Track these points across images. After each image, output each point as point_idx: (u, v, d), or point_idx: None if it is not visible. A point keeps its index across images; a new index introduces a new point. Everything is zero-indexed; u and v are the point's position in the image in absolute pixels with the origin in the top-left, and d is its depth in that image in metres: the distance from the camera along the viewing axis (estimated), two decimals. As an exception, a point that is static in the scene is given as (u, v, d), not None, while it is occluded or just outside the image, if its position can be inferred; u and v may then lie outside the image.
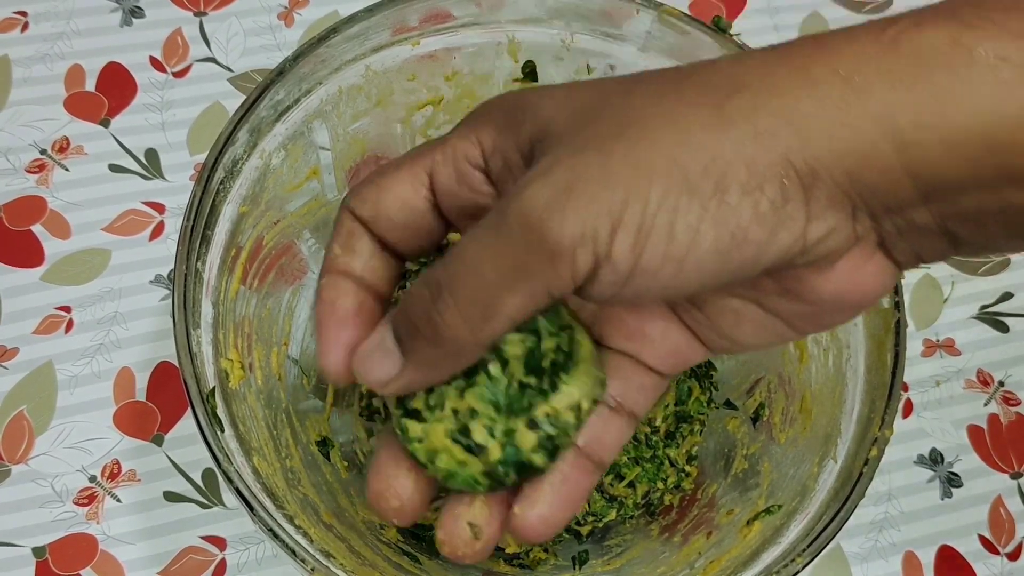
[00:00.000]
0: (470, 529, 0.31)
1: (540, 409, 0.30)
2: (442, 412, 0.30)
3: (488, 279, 0.25)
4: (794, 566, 0.37)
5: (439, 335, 0.26)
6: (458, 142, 0.30)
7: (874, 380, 0.41)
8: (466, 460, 0.30)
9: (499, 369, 0.30)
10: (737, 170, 0.24)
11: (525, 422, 0.30)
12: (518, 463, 0.30)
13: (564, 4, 0.46)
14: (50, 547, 0.51)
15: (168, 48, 0.64)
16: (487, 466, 0.30)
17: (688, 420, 0.50)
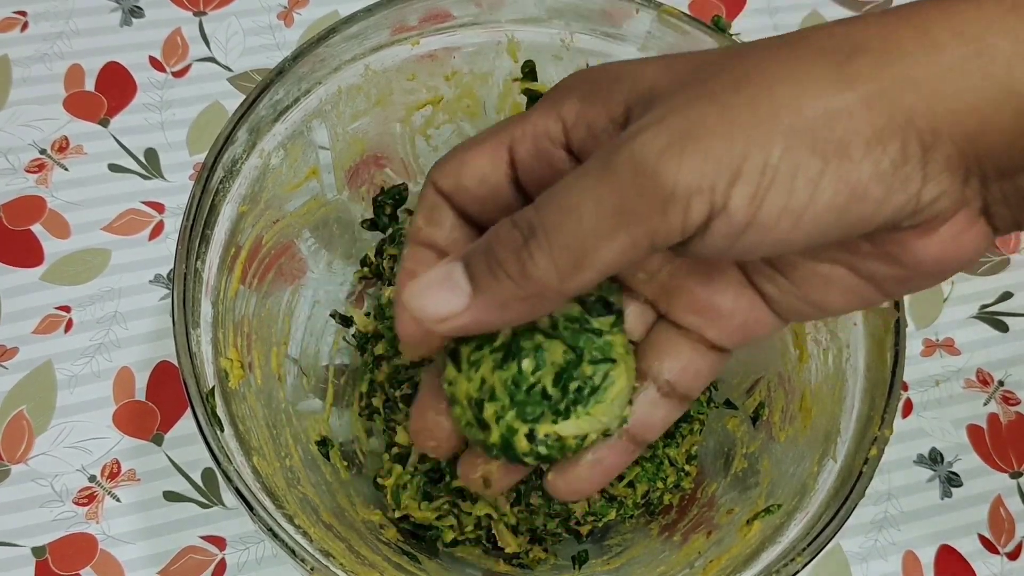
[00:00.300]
0: (483, 481, 0.33)
1: (543, 428, 0.30)
2: (474, 373, 0.30)
3: (587, 223, 0.25)
4: (794, 566, 0.37)
5: (525, 276, 0.26)
6: (538, 119, 0.30)
7: (874, 379, 0.40)
8: (473, 425, 0.31)
9: (532, 366, 0.30)
10: (861, 127, 0.24)
11: (525, 431, 0.30)
12: (510, 454, 0.31)
13: (564, 4, 0.46)
14: (50, 547, 0.51)
15: (168, 48, 0.64)
16: (487, 443, 0.31)
17: (688, 419, 0.50)
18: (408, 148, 0.52)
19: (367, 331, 0.52)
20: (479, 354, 0.30)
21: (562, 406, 0.30)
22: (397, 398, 0.49)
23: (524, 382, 0.30)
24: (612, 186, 0.25)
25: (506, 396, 0.30)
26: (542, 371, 0.30)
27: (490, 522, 0.47)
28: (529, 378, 0.30)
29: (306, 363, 0.50)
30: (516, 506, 0.47)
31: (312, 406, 0.50)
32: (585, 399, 0.30)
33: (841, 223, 0.25)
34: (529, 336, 0.30)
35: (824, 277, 0.29)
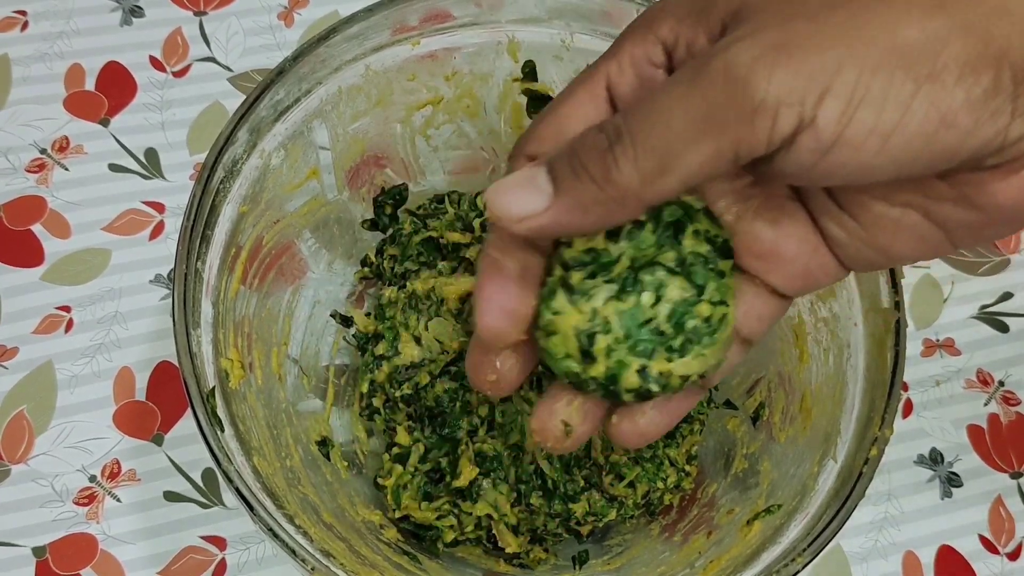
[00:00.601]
0: (563, 426, 0.32)
1: (656, 364, 0.30)
2: (585, 303, 0.30)
3: (675, 128, 0.25)
4: (794, 566, 0.37)
5: (608, 179, 0.26)
6: (633, 47, 0.29)
7: (874, 380, 0.40)
8: (573, 357, 0.30)
9: (651, 300, 0.29)
10: (956, 53, 0.24)
11: (637, 367, 0.30)
12: (612, 389, 0.30)
13: (564, 4, 0.46)
14: (50, 547, 0.51)
15: (168, 48, 0.64)
16: (585, 375, 0.30)
17: (688, 420, 0.50)
18: (408, 148, 0.52)
19: (367, 331, 0.52)
20: (592, 283, 0.30)
21: (676, 343, 0.30)
22: (397, 398, 0.49)
23: (642, 316, 0.30)
24: (702, 93, 0.25)
25: (621, 329, 0.30)
26: (660, 306, 0.29)
27: (490, 522, 0.47)
28: (648, 312, 0.30)
29: (306, 363, 0.50)
30: (516, 506, 0.47)
31: (312, 406, 0.50)
32: (700, 339, 0.30)
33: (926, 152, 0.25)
34: (649, 269, 0.30)
35: (895, 221, 0.29)
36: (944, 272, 0.61)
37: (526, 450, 0.47)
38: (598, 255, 0.30)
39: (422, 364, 0.48)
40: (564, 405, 0.32)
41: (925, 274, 0.61)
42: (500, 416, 0.47)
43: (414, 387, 0.48)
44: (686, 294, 0.30)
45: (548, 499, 0.46)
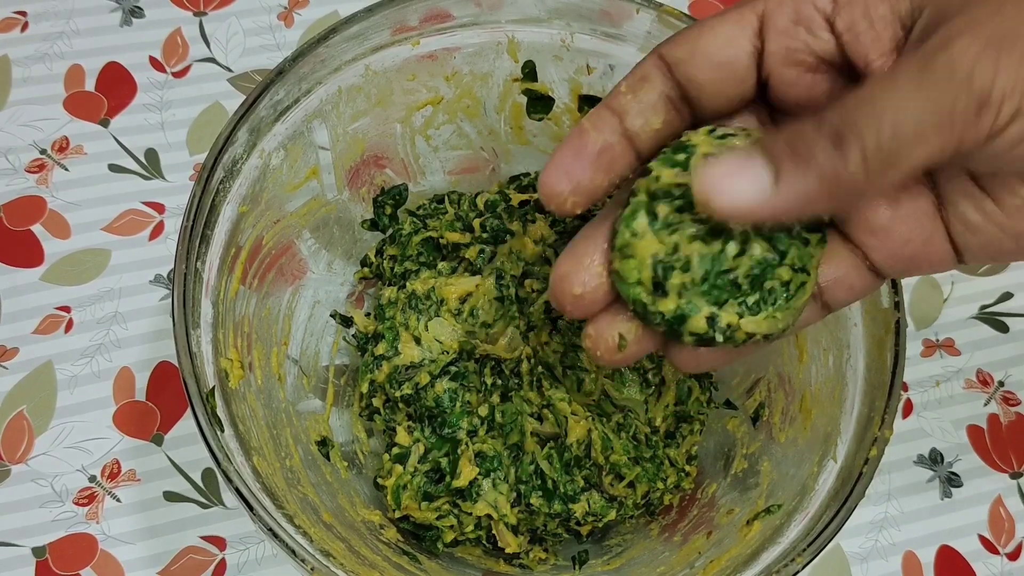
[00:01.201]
0: (618, 338, 0.32)
1: (726, 315, 0.30)
2: (668, 235, 0.30)
3: (903, 126, 0.25)
4: (794, 566, 0.37)
5: (834, 173, 0.26)
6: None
7: (874, 380, 0.40)
8: (644, 285, 0.30)
9: (735, 251, 0.30)
10: None
11: (707, 313, 0.30)
12: (676, 328, 0.30)
13: (564, 4, 0.46)
14: (50, 547, 0.51)
15: (168, 48, 0.64)
16: (653, 308, 0.30)
17: (688, 420, 0.50)
18: (408, 148, 0.52)
19: (367, 331, 0.52)
20: (678, 217, 0.30)
21: (751, 300, 0.30)
22: (397, 398, 0.49)
23: (723, 264, 0.30)
24: (928, 91, 0.25)
25: (700, 271, 0.30)
26: (742, 260, 0.30)
27: (490, 522, 0.47)
28: (729, 262, 0.30)
29: (306, 363, 0.50)
30: (516, 506, 0.47)
31: (312, 406, 0.50)
32: (775, 301, 0.30)
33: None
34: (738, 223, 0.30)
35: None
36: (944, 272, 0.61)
37: (526, 450, 0.47)
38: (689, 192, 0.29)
39: (422, 364, 0.48)
40: (623, 320, 0.32)
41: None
42: (500, 416, 0.47)
43: (414, 387, 0.48)
44: (769, 256, 0.30)
45: (548, 499, 0.46)
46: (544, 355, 0.49)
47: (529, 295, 0.49)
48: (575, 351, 0.48)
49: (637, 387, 0.49)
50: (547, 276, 0.49)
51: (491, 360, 0.48)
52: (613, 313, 0.33)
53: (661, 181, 0.30)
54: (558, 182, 0.31)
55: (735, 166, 0.27)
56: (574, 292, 0.32)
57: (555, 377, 0.48)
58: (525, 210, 0.52)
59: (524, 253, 0.50)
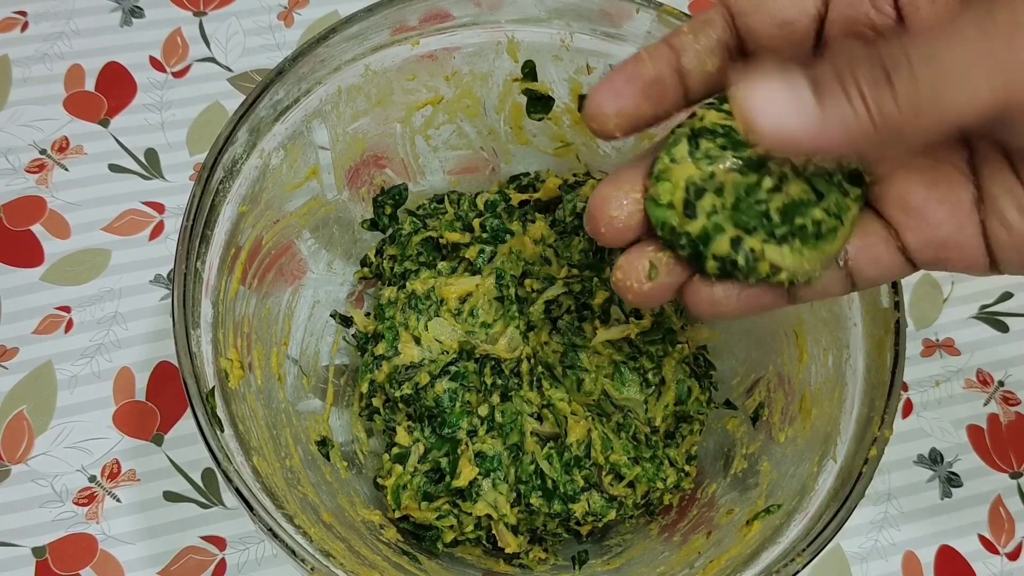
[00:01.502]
0: (649, 265, 0.33)
1: (753, 241, 0.30)
2: (707, 164, 0.30)
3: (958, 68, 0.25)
4: (794, 566, 0.37)
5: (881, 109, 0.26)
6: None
7: (874, 380, 0.40)
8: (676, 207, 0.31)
9: (770, 185, 0.30)
10: None
11: (730, 236, 0.30)
12: (699, 251, 0.31)
13: (564, 4, 0.46)
14: (50, 547, 0.51)
15: (168, 48, 0.64)
16: (680, 229, 0.31)
17: (688, 420, 0.50)
18: (408, 148, 0.52)
19: (367, 331, 0.52)
20: (719, 152, 0.30)
21: (779, 231, 0.30)
22: (397, 398, 0.49)
23: (756, 194, 0.30)
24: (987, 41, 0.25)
25: (732, 196, 0.30)
26: (777, 194, 0.30)
27: (490, 522, 0.47)
28: (762, 193, 0.30)
29: (306, 363, 0.50)
30: (516, 506, 0.47)
31: (312, 406, 0.50)
32: (804, 238, 0.30)
33: None
34: (779, 162, 0.30)
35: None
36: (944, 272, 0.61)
37: (526, 450, 0.47)
38: (734, 132, 0.30)
39: (422, 364, 0.48)
40: (655, 249, 0.33)
41: (925, 274, 0.61)
42: (500, 416, 0.47)
43: (414, 387, 0.48)
44: (805, 196, 0.30)
45: (548, 499, 0.46)
46: (544, 355, 0.49)
47: (529, 295, 0.49)
48: (575, 351, 0.48)
49: (637, 387, 0.49)
50: (547, 276, 0.49)
51: (491, 360, 0.48)
52: (644, 245, 0.33)
53: (706, 120, 0.31)
54: (607, 102, 0.31)
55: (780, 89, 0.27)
56: (611, 214, 0.32)
57: (555, 377, 0.48)
58: (525, 210, 0.52)
59: (524, 253, 0.50)
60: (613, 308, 0.50)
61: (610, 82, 0.31)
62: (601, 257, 0.51)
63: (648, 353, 0.49)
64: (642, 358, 0.49)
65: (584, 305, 0.49)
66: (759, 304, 0.33)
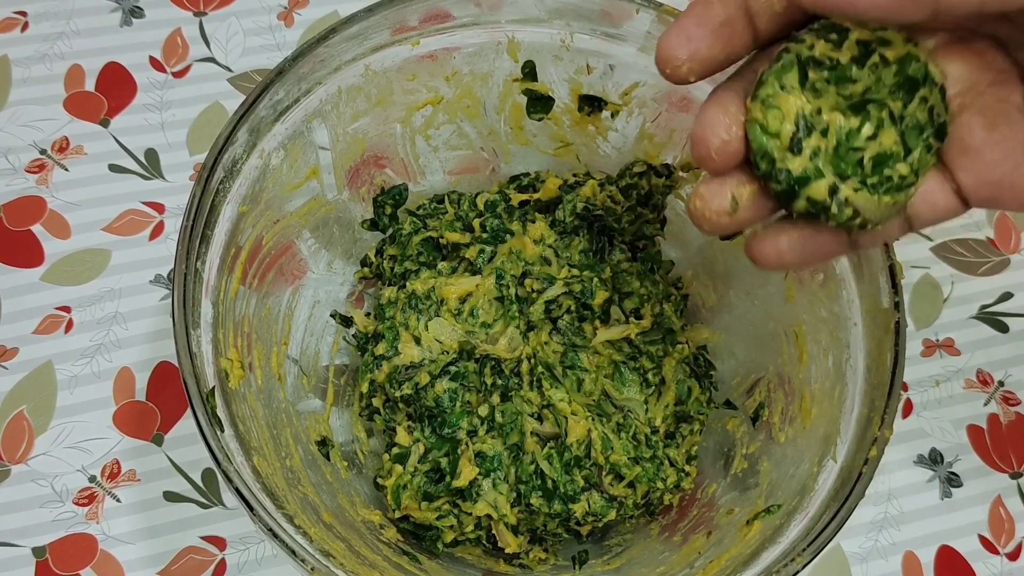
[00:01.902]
0: (731, 201, 0.33)
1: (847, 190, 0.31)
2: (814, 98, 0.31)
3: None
4: (794, 566, 0.37)
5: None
6: None
7: (874, 380, 0.40)
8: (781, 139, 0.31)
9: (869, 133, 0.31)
10: None
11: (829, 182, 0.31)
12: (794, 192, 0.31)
13: (564, 4, 0.46)
14: (50, 547, 0.51)
15: (168, 48, 0.64)
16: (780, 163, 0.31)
17: (688, 420, 0.50)
18: (408, 148, 0.52)
19: (367, 331, 0.52)
20: (828, 87, 0.31)
21: (870, 180, 0.31)
22: (397, 398, 0.49)
23: (856, 141, 0.31)
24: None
25: (834, 139, 0.31)
26: (872, 143, 0.31)
27: (490, 522, 0.47)
28: (862, 141, 0.31)
29: (306, 363, 0.50)
30: (516, 506, 0.47)
31: (312, 406, 0.50)
32: (890, 188, 0.32)
33: None
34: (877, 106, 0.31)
35: None
36: (944, 272, 0.61)
37: (526, 450, 0.47)
38: (840, 67, 0.31)
39: (422, 364, 0.48)
40: (740, 185, 0.33)
41: (925, 274, 0.61)
42: (500, 416, 0.47)
43: (414, 387, 0.48)
44: (896, 148, 0.31)
45: (548, 499, 0.46)
46: (544, 355, 0.49)
47: (529, 295, 0.49)
48: (575, 351, 0.48)
49: (637, 387, 0.49)
50: (547, 276, 0.49)
51: (491, 360, 0.48)
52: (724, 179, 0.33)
53: (815, 50, 0.31)
54: (678, 47, 0.31)
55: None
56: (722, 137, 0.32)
57: (555, 377, 0.48)
58: (525, 210, 0.52)
59: (524, 253, 0.50)
60: (613, 308, 0.50)
61: (680, 26, 0.31)
62: (601, 257, 0.51)
63: (648, 353, 0.49)
64: (642, 358, 0.49)
65: (584, 305, 0.49)
66: (823, 253, 0.34)
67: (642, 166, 0.51)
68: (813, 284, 0.45)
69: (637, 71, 0.48)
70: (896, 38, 0.31)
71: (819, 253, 0.34)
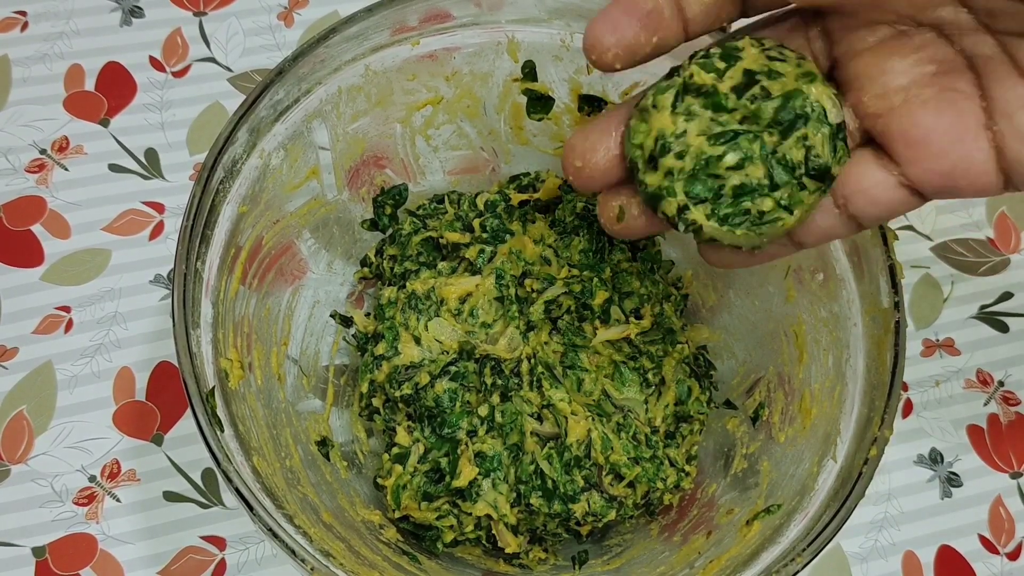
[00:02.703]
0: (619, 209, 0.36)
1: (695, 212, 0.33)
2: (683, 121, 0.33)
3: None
4: (794, 566, 0.37)
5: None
6: None
7: (874, 380, 0.40)
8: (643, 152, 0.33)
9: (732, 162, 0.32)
10: None
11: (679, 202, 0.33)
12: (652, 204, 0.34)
13: (564, 4, 0.46)
14: (50, 547, 0.51)
15: (168, 48, 0.64)
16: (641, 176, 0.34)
17: (688, 420, 0.50)
18: (408, 148, 0.52)
19: (367, 331, 0.52)
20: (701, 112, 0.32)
21: (722, 211, 0.33)
22: (397, 398, 0.49)
23: (716, 168, 0.32)
24: None
25: (692, 163, 0.32)
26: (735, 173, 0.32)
27: (490, 522, 0.47)
28: (722, 170, 0.32)
29: (306, 363, 0.50)
30: (516, 506, 0.47)
31: (312, 406, 0.50)
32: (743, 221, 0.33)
33: None
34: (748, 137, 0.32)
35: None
36: (944, 272, 0.61)
37: (526, 450, 0.47)
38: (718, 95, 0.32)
39: (422, 364, 0.48)
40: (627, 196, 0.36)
41: (925, 274, 0.61)
42: (500, 416, 0.47)
43: (414, 387, 0.48)
44: (761, 183, 0.32)
45: (548, 499, 0.46)
46: (544, 355, 0.49)
47: (529, 295, 0.49)
48: (575, 351, 0.48)
49: (637, 387, 0.49)
50: (547, 276, 0.49)
51: (491, 360, 0.48)
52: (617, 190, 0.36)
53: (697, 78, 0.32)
54: (604, 34, 0.32)
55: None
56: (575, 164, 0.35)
57: (555, 377, 0.48)
58: (525, 210, 0.52)
59: (524, 253, 0.50)
60: (613, 308, 0.50)
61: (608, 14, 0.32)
62: (601, 257, 0.51)
63: (648, 353, 0.49)
64: (642, 358, 0.49)
65: (584, 305, 0.49)
66: (769, 255, 0.35)
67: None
68: (813, 284, 0.45)
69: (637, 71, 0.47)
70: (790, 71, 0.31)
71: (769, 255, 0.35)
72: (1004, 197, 0.63)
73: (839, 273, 0.43)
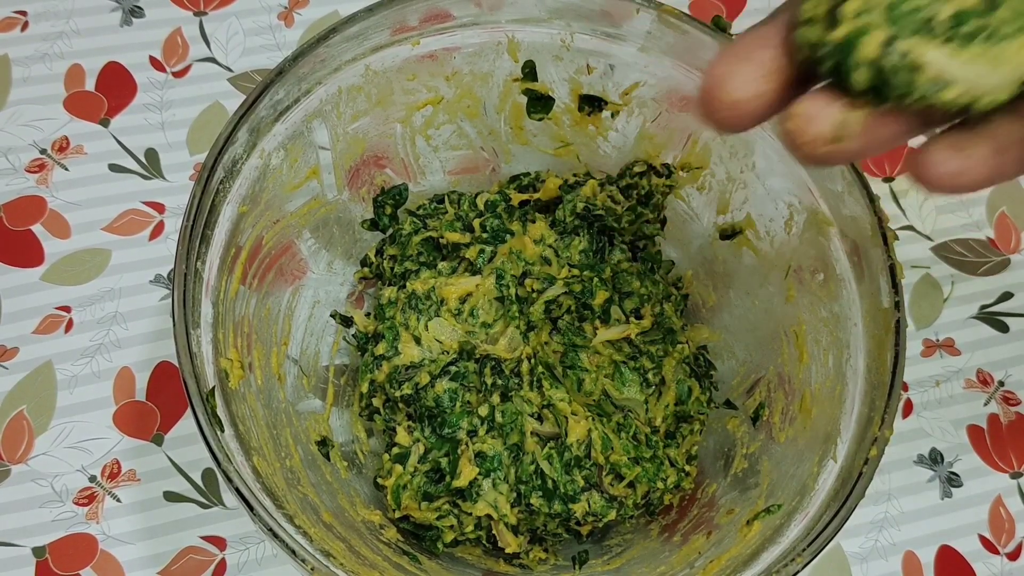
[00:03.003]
0: (837, 128, 0.26)
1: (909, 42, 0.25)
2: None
3: None
4: (794, 566, 0.37)
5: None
6: None
7: (874, 380, 0.40)
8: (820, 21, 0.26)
9: None
10: None
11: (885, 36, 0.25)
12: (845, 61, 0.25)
13: (564, 4, 0.46)
14: (50, 547, 0.51)
15: (168, 48, 0.64)
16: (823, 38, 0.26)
17: (688, 420, 0.50)
18: (408, 148, 0.52)
19: (367, 331, 0.52)
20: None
21: (944, 35, 0.24)
22: (397, 398, 0.49)
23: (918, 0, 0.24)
24: None
25: None
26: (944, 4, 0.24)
27: (490, 522, 0.47)
28: None
29: (306, 363, 0.50)
30: (516, 506, 0.47)
31: (312, 406, 0.50)
32: (978, 39, 0.24)
33: None
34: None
35: None
36: (944, 272, 0.61)
37: (526, 450, 0.47)
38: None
39: (422, 364, 0.48)
40: (843, 104, 0.26)
41: (925, 274, 0.61)
42: (500, 416, 0.47)
43: (414, 387, 0.48)
44: (981, 5, 0.24)
45: (548, 499, 0.46)
46: (544, 355, 0.49)
47: (529, 295, 0.49)
48: (575, 351, 0.48)
49: (637, 387, 0.49)
50: (547, 276, 0.49)
51: (491, 360, 0.48)
52: (827, 94, 0.26)
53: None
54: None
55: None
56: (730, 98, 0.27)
57: (555, 377, 0.48)
58: (525, 210, 0.52)
59: (524, 253, 0.50)
60: (613, 308, 0.50)
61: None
62: (601, 257, 0.51)
63: (648, 353, 0.49)
64: (642, 358, 0.49)
65: (584, 305, 0.49)
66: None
67: (642, 166, 0.51)
68: (813, 284, 0.45)
69: (637, 71, 0.48)
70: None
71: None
72: (1004, 197, 0.63)
73: (839, 273, 0.43)
